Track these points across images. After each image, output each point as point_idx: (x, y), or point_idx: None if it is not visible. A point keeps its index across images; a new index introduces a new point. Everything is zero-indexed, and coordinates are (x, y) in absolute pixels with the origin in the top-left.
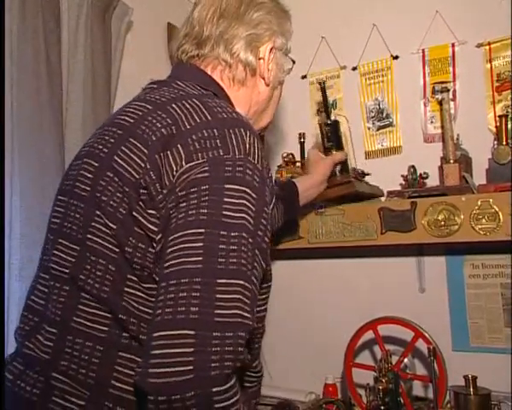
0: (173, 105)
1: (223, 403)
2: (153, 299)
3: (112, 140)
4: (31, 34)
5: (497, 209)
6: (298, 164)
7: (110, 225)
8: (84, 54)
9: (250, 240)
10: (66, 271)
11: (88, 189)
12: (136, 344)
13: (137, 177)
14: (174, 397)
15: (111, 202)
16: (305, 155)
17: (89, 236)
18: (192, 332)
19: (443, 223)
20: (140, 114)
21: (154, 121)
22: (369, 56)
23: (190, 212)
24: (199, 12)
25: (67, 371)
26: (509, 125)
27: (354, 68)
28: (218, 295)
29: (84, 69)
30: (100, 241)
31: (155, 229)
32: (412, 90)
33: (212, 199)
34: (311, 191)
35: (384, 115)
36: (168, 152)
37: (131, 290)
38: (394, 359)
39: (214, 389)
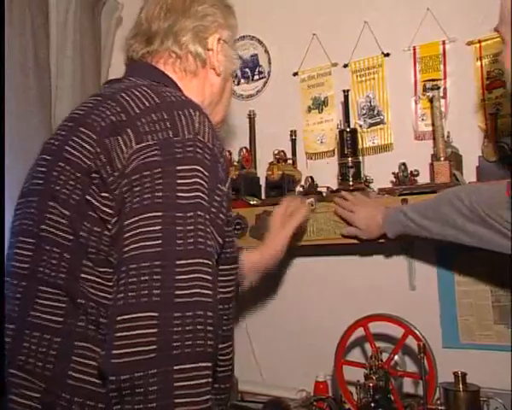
0: (122, 94)
1: (183, 382)
2: (109, 283)
3: (63, 132)
4: (18, 30)
5: None
6: (289, 161)
7: (64, 212)
8: (74, 50)
9: (207, 216)
10: (26, 266)
11: (41, 182)
12: (92, 333)
13: (88, 162)
14: (137, 374)
15: (64, 190)
16: (296, 154)
17: (43, 226)
18: (155, 314)
19: None
20: (90, 105)
21: (104, 109)
22: (360, 54)
23: (146, 196)
24: (146, 11)
25: (24, 365)
26: (499, 123)
27: (345, 65)
28: (177, 277)
29: (73, 65)
30: (54, 230)
31: (110, 211)
32: (403, 87)
33: (165, 182)
34: (263, 265)
35: (375, 113)
36: (118, 137)
37: (88, 276)
38: (385, 356)
39: (176, 367)
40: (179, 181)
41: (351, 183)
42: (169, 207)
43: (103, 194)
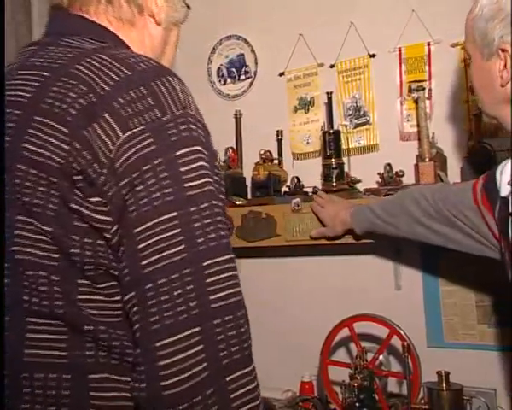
0: (78, 66)
1: (239, 391)
2: (113, 298)
3: (11, 124)
4: None
5: None
6: (275, 161)
7: (43, 228)
8: None
9: (220, 203)
10: None
11: None
12: (103, 360)
13: (63, 162)
14: (196, 400)
15: (35, 201)
16: (282, 154)
17: (15, 248)
18: (197, 329)
19: None
20: (36, 84)
21: (64, 91)
22: (346, 54)
23: (154, 195)
24: None
25: None
26: (482, 124)
27: (332, 66)
28: (208, 280)
29: None
30: (33, 251)
31: (106, 218)
32: (389, 88)
33: (170, 174)
34: None
35: (361, 113)
36: (95, 124)
37: (86, 296)
38: (370, 356)
39: (228, 379)
40: (183, 169)
41: (334, 184)
42: (182, 203)
43: (93, 199)
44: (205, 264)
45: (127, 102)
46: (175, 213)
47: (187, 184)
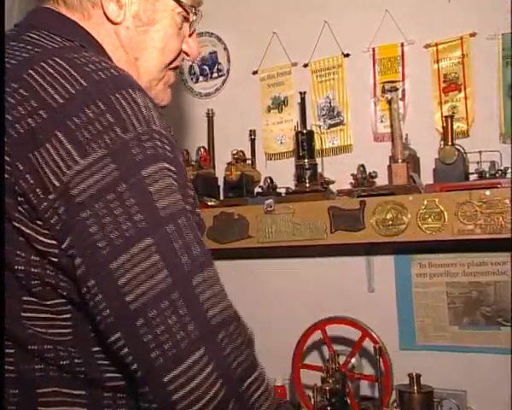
0: (30, 72)
1: (256, 393)
2: (61, 316)
3: None
4: None
5: (442, 209)
6: (248, 161)
7: None
8: None
9: (193, 223)
10: None
11: None
12: (54, 374)
13: (8, 177)
14: None
15: None
16: (255, 154)
17: None
18: (202, 350)
19: (391, 222)
20: None
21: (13, 101)
22: (320, 53)
23: (124, 226)
24: None
25: None
26: (455, 126)
27: (305, 65)
28: (201, 297)
29: None
30: None
31: (49, 242)
32: (363, 88)
33: (139, 199)
34: None
35: (335, 113)
36: (47, 145)
37: (32, 314)
38: (342, 359)
39: (243, 387)
40: (152, 189)
41: (307, 185)
42: (155, 226)
43: (35, 223)
44: (194, 283)
45: (84, 124)
46: (150, 240)
47: (158, 205)
